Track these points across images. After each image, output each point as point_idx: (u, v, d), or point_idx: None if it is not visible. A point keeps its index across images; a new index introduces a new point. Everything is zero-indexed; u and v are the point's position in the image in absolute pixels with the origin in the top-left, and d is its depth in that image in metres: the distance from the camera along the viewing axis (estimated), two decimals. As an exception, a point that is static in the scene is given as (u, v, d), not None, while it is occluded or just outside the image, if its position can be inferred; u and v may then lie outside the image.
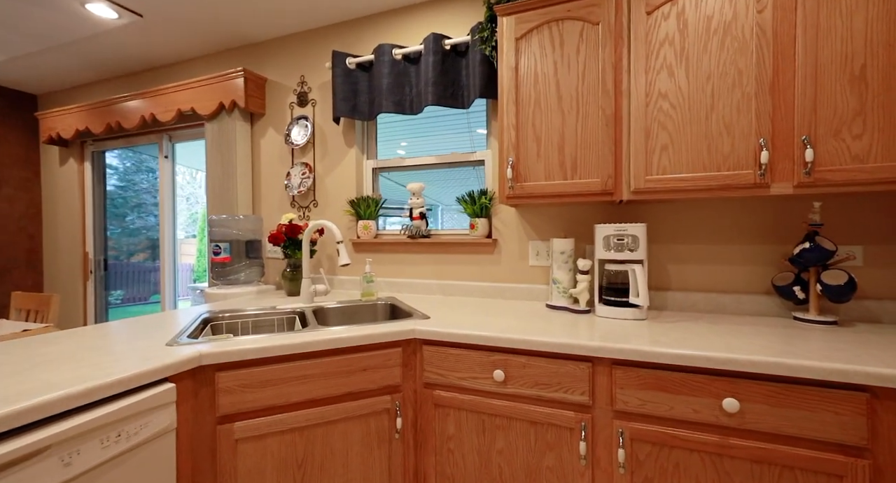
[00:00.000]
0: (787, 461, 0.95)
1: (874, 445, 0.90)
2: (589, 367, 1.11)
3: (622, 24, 1.34)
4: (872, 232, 1.34)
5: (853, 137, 1.12)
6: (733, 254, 1.49)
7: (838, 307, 1.36)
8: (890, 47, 1.09)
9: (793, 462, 0.95)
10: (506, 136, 1.49)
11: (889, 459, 0.89)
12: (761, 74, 1.19)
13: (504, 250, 1.85)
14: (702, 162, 1.26)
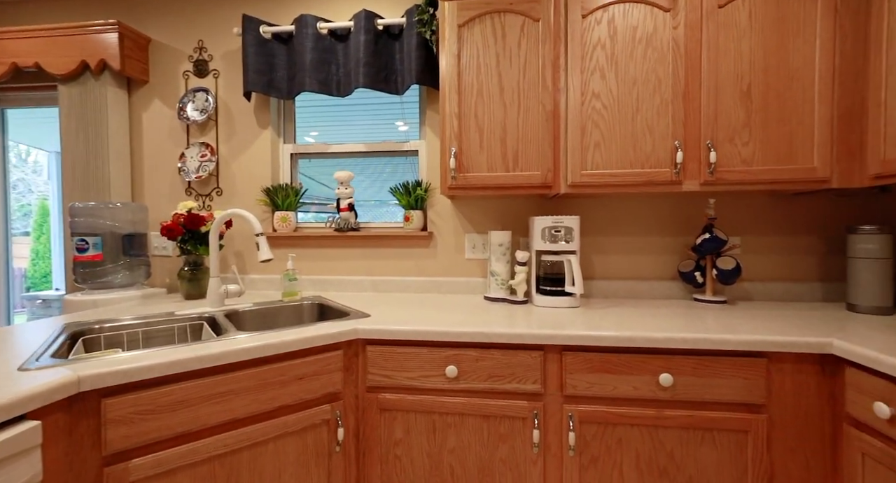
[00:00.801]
0: (708, 424, 1.07)
1: (769, 402, 1.07)
2: (541, 356, 1.13)
3: (560, 24, 1.40)
4: (749, 225, 1.61)
5: (742, 144, 1.32)
6: (648, 245, 1.67)
7: (726, 288, 1.60)
8: (766, 71, 1.31)
9: (712, 424, 1.07)
10: (448, 126, 1.45)
11: (779, 412, 1.07)
12: (676, 84, 1.34)
13: (440, 243, 1.80)
14: (629, 159, 1.37)
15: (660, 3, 1.34)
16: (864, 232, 1.35)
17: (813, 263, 1.58)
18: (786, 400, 1.06)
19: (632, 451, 1.11)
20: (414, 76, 1.65)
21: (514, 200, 1.75)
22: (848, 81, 1.27)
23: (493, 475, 1.15)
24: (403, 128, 1.90)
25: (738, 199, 1.62)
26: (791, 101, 1.29)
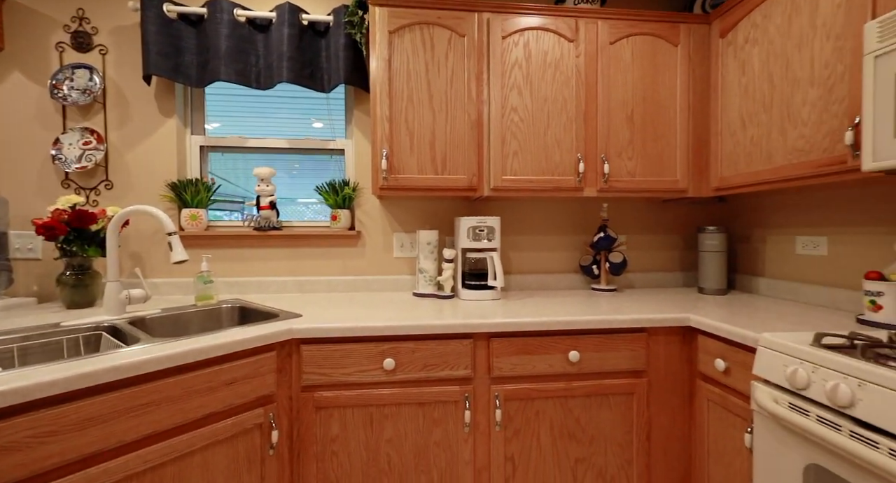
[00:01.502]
0: (605, 390, 1.29)
1: (648, 368, 1.33)
2: (471, 343, 1.24)
3: (483, 42, 1.53)
4: (632, 225, 1.94)
5: (628, 158, 1.60)
6: (555, 242, 1.90)
7: (615, 279, 1.91)
8: (644, 101, 1.61)
9: (608, 390, 1.30)
10: (379, 128, 1.49)
11: (655, 375, 1.33)
12: (578, 105, 1.57)
13: (368, 242, 1.83)
14: (542, 167, 1.56)
15: (565, 34, 1.56)
16: (708, 231, 1.73)
17: (676, 257, 1.97)
18: (659, 365, 1.33)
19: (547, 421, 1.28)
20: (342, 76, 1.66)
21: (441, 201, 1.85)
22: (699, 115, 1.62)
23: (428, 457, 1.24)
24: (317, 125, 1.86)
25: (624, 204, 1.94)
26: (661, 127, 1.61)
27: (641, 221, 1.95)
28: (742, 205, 1.84)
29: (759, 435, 0.99)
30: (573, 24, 1.56)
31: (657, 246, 1.96)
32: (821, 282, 1.47)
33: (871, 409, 0.75)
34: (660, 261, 1.96)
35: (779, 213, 1.65)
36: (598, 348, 1.28)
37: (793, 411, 0.88)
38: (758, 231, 1.75)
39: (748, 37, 1.43)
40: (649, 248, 1.95)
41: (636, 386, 1.31)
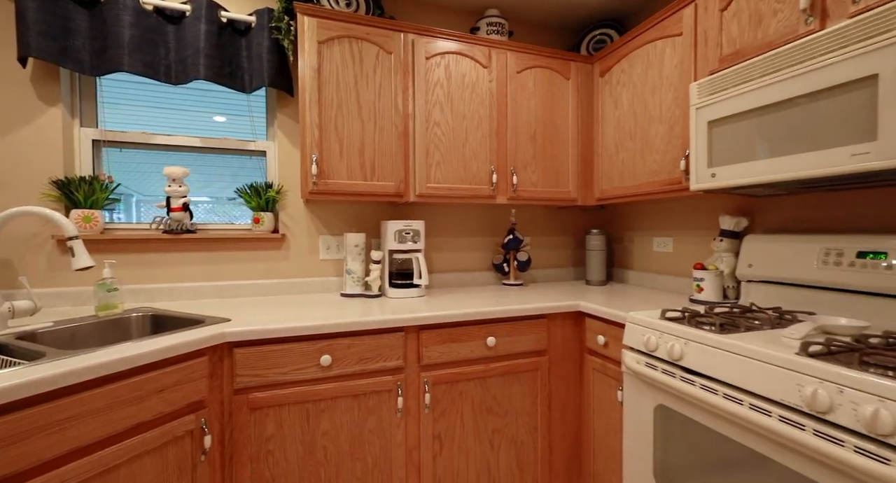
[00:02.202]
0: (516, 369, 1.53)
1: (549, 347, 1.60)
2: (403, 336, 1.37)
3: (409, 60, 1.67)
4: (535, 228, 2.25)
5: (532, 172, 1.88)
6: (471, 244, 2.12)
7: (522, 274, 2.20)
8: (544, 123, 1.90)
9: (518, 369, 1.53)
10: (309, 134, 1.53)
11: (554, 353, 1.60)
12: (492, 123, 1.80)
13: (293, 245, 1.83)
14: (461, 177, 1.75)
15: (480, 61, 1.77)
16: (593, 234, 2.10)
17: (569, 255, 2.34)
18: (557, 344, 1.61)
19: (469, 400, 1.47)
20: (266, 79, 1.65)
21: (366, 205, 1.94)
22: (585, 138, 1.97)
23: (363, 445, 1.33)
24: (219, 119, 1.80)
25: (527, 210, 2.24)
26: (557, 147, 1.92)
27: (542, 225, 2.27)
28: (617, 212, 2.27)
29: (627, 390, 1.29)
30: (487, 53, 1.78)
31: (554, 246, 2.30)
32: (669, 272, 1.91)
33: (693, 359, 1.06)
34: (556, 258, 2.31)
35: (641, 219, 2.08)
36: (510, 333, 1.51)
37: (647, 367, 1.18)
38: (628, 233, 2.18)
39: (619, 79, 1.80)
40: (548, 247, 2.29)
41: (540, 363, 1.57)
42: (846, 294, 1.18)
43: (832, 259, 1.20)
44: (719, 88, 1.25)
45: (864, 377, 0.75)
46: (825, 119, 1.00)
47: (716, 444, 1.01)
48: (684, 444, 1.10)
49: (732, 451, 0.97)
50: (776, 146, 1.11)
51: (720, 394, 0.98)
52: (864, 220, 1.24)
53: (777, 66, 1.10)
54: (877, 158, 0.91)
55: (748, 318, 1.18)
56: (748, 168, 1.18)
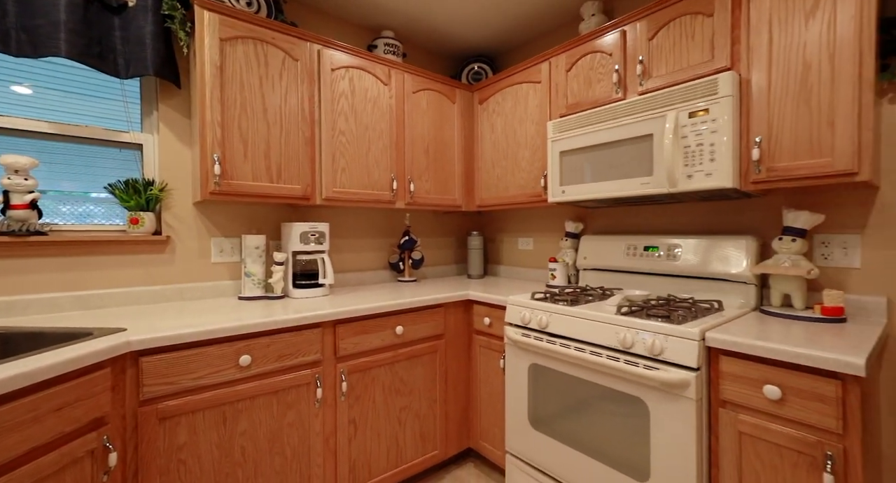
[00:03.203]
0: (420, 352, 1.75)
1: (445, 331, 1.87)
2: (320, 331, 1.46)
3: (315, 70, 1.75)
4: (426, 230, 2.52)
5: (426, 180, 2.14)
6: (370, 245, 2.27)
7: (415, 272, 2.44)
8: (435, 139, 2.18)
9: (422, 352, 1.76)
10: (210, 133, 1.49)
11: (449, 336, 1.89)
12: (392, 135, 2.00)
13: (180, 248, 1.70)
14: (364, 183, 1.90)
15: (381, 78, 1.95)
16: (473, 235, 2.48)
17: (453, 253, 2.69)
18: (451, 328, 1.90)
19: (379, 384, 1.64)
20: (152, 68, 1.52)
21: (262, 207, 1.92)
22: (468, 155, 2.33)
23: (282, 438, 1.38)
24: (80, 103, 1.59)
25: (419, 214, 2.50)
26: (446, 160, 2.23)
27: (430, 227, 2.56)
28: (491, 217, 2.71)
29: (508, 356, 1.65)
30: (387, 72, 1.97)
31: (441, 246, 2.62)
32: (531, 265, 2.41)
33: (555, 326, 1.46)
34: (442, 257, 2.63)
35: (510, 223, 2.55)
36: (415, 322, 1.73)
37: (523, 337, 1.56)
38: (499, 234, 2.64)
39: (495, 109, 2.20)
40: (436, 247, 2.59)
41: (438, 346, 1.84)
42: (639, 275, 1.76)
43: (631, 252, 1.77)
44: (566, 128, 1.72)
45: (647, 322, 1.21)
46: (626, 158, 1.51)
47: (568, 384, 1.43)
48: (548, 390, 1.50)
49: (578, 386, 1.39)
50: (598, 174, 1.60)
51: (572, 347, 1.39)
52: (648, 225, 1.86)
53: (599, 119, 1.59)
54: (653, 187, 1.43)
55: (585, 294, 1.65)
56: (583, 188, 1.66)
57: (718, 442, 1.11)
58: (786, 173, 1.22)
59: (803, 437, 0.96)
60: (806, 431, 0.97)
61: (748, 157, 1.30)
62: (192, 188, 1.70)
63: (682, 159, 1.37)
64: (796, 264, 1.30)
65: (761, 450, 1.03)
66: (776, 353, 0.99)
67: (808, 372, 0.96)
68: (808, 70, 1.18)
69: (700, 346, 1.12)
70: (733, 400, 1.08)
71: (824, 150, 1.15)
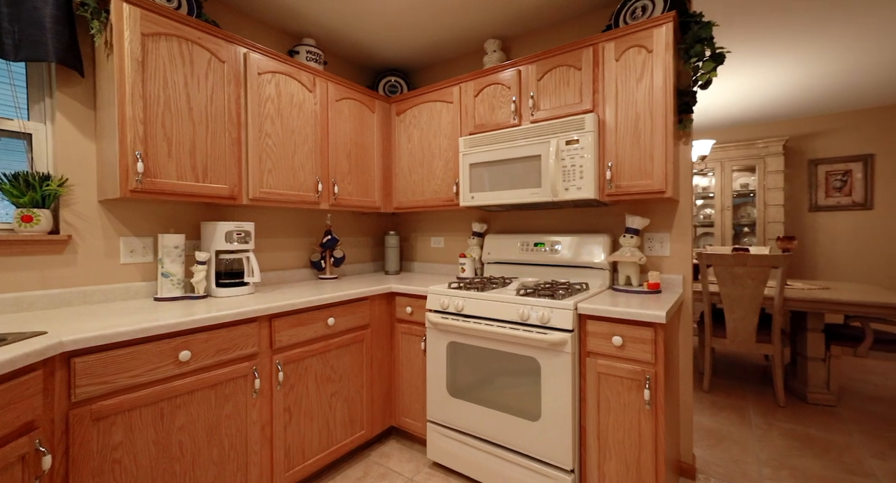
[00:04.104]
0: (349, 342, 1.91)
1: (371, 321, 2.06)
2: (256, 325, 1.54)
3: (241, 72, 1.78)
4: (347, 230, 2.65)
5: (348, 183, 2.29)
6: (290, 244, 2.32)
7: (336, 269, 2.56)
8: (356, 144, 2.35)
9: (350, 341, 1.92)
10: (131, 129, 1.45)
11: (374, 326, 2.08)
12: (316, 140, 2.11)
13: (83, 249, 1.59)
14: (290, 184, 1.99)
15: (307, 85, 2.05)
16: (390, 235, 2.70)
17: (370, 251, 2.86)
18: (376, 318, 2.09)
19: (312, 373, 1.76)
20: (54, 54, 1.42)
21: (177, 205, 1.86)
22: (386, 161, 2.54)
23: (220, 430, 1.44)
24: None
25: (340, 215, 2.62)
26: (366, 165, 2.40)
27: (350, 227, 2.70)
28: (406, 218, 2.95)
29: (429, 338, 1.92)
30: (312, 80, 2.08)
31: (359, 244, 2.77)
32: (442, 261, 2.72)
33: (469, 309, 1.78)
34: (360, 255, 2.79)
35: (423, 223, 2.83)
36: (343, 314, 1.89)
37: (443, 320, 1.84)
38: (413, 234, 2.89)
39: (411, 121, 2.45)
40: (354, 245, 2.74)
41: (364, 335, 2.02)
42: (531, 266, 2.19)
43: (524, 247, 2.19)
44: (475, 145, 2.06)
45: (539, 300, 1.59)
46: (521, 173, 1.90)
47: (480, 355, 1.75)
48: (463, 363, 1.81)
49: (487, 356, 1.73)
50: (500, 184, 1.97)
51: (483, 324, 1.72)
52: (537, 226, 2.31)
53: (501, 139, 1.96)
54: (541, 197, 1.84)
55: (491, 283, 2.01)
56: (488, 195, 2.01)
57: (585, 381, 1.53)
58: (627, 190, 1.72)
59: (633, 369, 1.42)
60: (635, 365, 1.43)
61: (604, 176, 1.78)
62: (99, 184, 1.60)
63: (561, 176, 1.80)
64: (633, 254, 1.83)
65: (611, 382, 1.48)
66: (620, 314, 1.44)
67: (636, 324, 1.42)
68: (638, 118, 1.69)
69: (574, 314, 1.53)
70: (594, 350, 1.51)
71: (647, 174, 1.67)
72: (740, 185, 4.45)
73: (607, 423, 1.49)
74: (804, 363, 2.71)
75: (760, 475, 1.88)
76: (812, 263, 4.23)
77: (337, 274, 2.56)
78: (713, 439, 2.21)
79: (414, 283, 2.17)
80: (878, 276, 3.95)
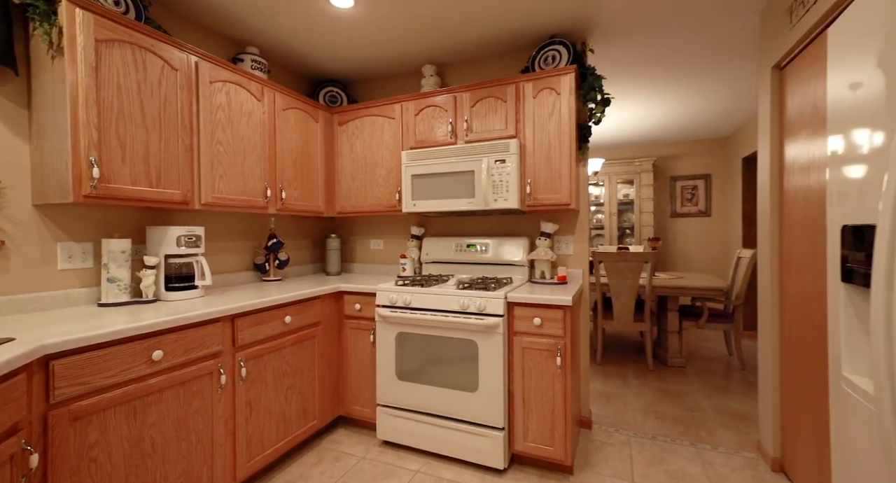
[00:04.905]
0: (303, 338, 2.06)
1: (321, 319, 2.22)
2: (220, 325, 1.63)
3: (194, 80, 1.83)
4: (291, 233, 2.72)
5: (294, 189, 2.40)
6: (235, 247, 2.35)
7: (280, 272, 2.63)
8: (302, 152, 2.47)
9: (304, 338, 2.07)
10: (85, 134, 1.45)
11: (324, 323, 2.24)
12: (265, 147, 2.19)
13: (15, 255, 1.51)
14: (241, 189, 2.06)
15: (256, 94, 2.13)
16: (332, 238, 2.84)
17: (309, 254, 2.96)
18: (326, 316, 2.25)
19: (271, 368, 1.88)
20: (-6, 51, 1.36)
21: (119, 210, 1.83)
22: (329, 168, 2.68)
23: (188, 425, 1.51)
24: None
25: (282, 219, 2.69)
26: (311, 171, 2.53)
27: (293, 230, 2.78)
28: (346, 221, 3.10)
29: (379, 330, 2.15)
30: (261, 89, 2.16)
31: (300, 247, 2.86)
32: (382, 262, 2.94)
33: (416, 302, 2.05)
34: (301, 257, 2.88)
35: (363, 227, 3.02)
36: (297, 312, 2.03)
37: (392, 313, 2.09)
38: (353, 237, 3.07)
39: (354, 132, 2.64)
40: (296, 248, 2.82)
41: (316, 331, 2.17)
42: (464, 265, 2.54)
43: (459, 249, 2.53)
44: (416, 159, 2.34)
45: (476, 292, 1.94)
46: (458, 184, 2.24)
47: (426, 342, 2.04)
48: (411, 350, 2.08)
49: (432, 342, 2.02)
50: (439, 193, 2.28)
51: (429, 315, 2.01)
52: (470, 230, 2.67)
53: (439, 155, 2.27)
54: (474, 206, 2.20)
55: (432, 279, 2.31)
56: (428, 203, 2.31)
57: (513, 356, 1.92)
58: (542, 201, 2.16)
59: (549, 342, 1.84)
60: (550, 339, 1.85)
61: (525, 190, 2.19)
62: (36, 188, 1.54)
63: (491, 189, 2.17)
64: (547, 254, 2.28)
65: (533, 355, 1.88)
66: (539, 300, 1.85)
67: (551, 308, 1.84)
68: (550, 145, 2.13)
69: (505, 303, 1.90)
70: (520, 330, 1.90)
71: (557, 190, 2.12)
72: (623, 195, 5.40)
73: (530, 387, 1.89)
74: (665, 336, 3.50)
75: (635, 420, 2.47)
76: (672, 258, 5.32)
77: (280, 276, 2.63)
78: (603, 399, 2.79)
79: (358, 283, 2.38)
80: (714, 268, 5.13)
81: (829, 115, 1.10)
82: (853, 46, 0.98)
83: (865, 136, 0.94)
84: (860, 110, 0.96)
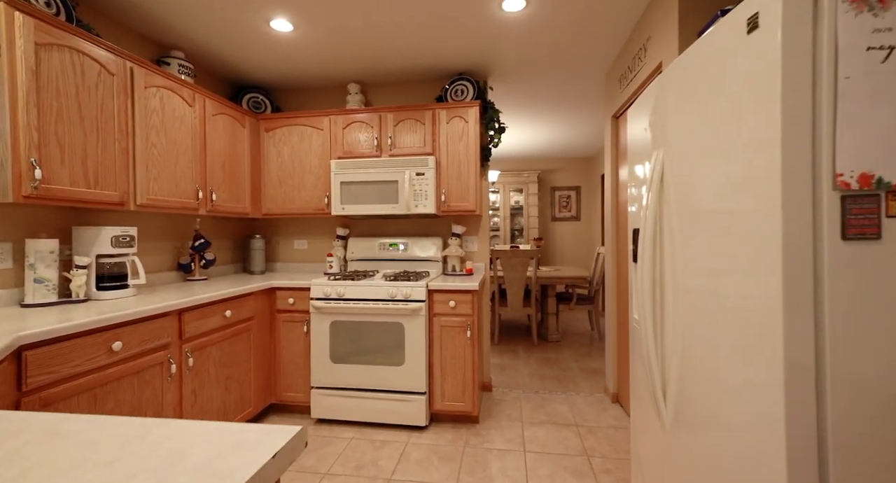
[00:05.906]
0: (240, 331, 2.21)
1: (256, 314, 2.38)
2: (169, 318, 1.75)
3: (129, 85, 1.88)
4: (219, 234, 2.76)
5: (223, 191, 2.50)
6: (159, 248, 2.36)
7: (205, 271, 2.66)
8: (230, 156, 2.57)
9: (241, 331, 2.22)
10: (25, 136, 1.47)
11: (258, 318, 2.40)
12: (195, 151, 2.28)
13: (-70, 255, 1.45)
14: (173, 191, 2.13)
15: (187, 100, 2.21)
16: (256, 238, 2.96)
17: (231, 254, 3.01)
18: (259, 311, 2.42)
19: (212, 358, 2.02)
20: (-82, 47, 1.32)
21: (42, 210, 1.79)
22: (256, 172, 2.81)
23: (141, 411, 1.62)
24: None
25: (208, 220, 2.72)
26: (239, 175, 2.64)
27: (216, 231, 2.82)
28: (271, 222, 3.21)
29: (313, 321, 2.41)
30: (192, 95, 2.24)
31: (223, 248, 2.91)
32: (307, 261, 3.14)
33: (348, 294, 2.37)
34: (224, 257, 2.92)
35: (287, 228, 3.17)
36: (233, 308, 2.18)
37: (326, 304, 2.36)
38: (276, 237, 3.19)
39: (281, 139, 2.81)
40: (220, 248, 2.87)
41: (251, 326, 2.33)
42: (387, 261, 2.91)
43: (382, 248, 2.89)
44: (344, 167, 2.64)
45: (402, 283, 2.34)
46: (383, 191, 2.61)
47: (357, 328, 2.37)
48: (344, 337, 2.39)
49: (363, 328, 2.36)
50: (366, 199, 2.62)
51: (361, 304, 2.34)
52: (392, 231, 3.04)
53: (366, 165, 2.62)
54: (398, 210, 2.59)
55: (360, 275, 2.63)
56: (356, 207, 2.63)
57: (433, 332, 2.37)
58: (454, 208, 2.65)
59: (461, 320, 2.33)
60: (462, 317, 2.34)
61: (440, 198, 2.66)
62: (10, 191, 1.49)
63: (413, 196, 2.59)
64: (457, 251, 2.78)
65: (449, 332, 2.35)
66: (453, 287, 2.32)
67: (462, 292, 2.34)
68: (460, 163, 2.63)
69: (426, 290, 2.34)
70: (438, 311, 2.36)
71: (465, 199, 2.63)
72: (514, 202, 6.29)
73: (446, 358, 2.36)
74: (546, 318, 4.33)
75: (524, 382, 3.13)
76: (552, 254, 6.39)
77: (206, 275, 2.67)
78: (500, 369, 3.42)
79: (284, 280, 2.59)
80: (583, 262, 6.32)
81: (629, 151, 1.77)
82: (640, 112, 1.65)
83: (640, 167, 1.60)
84: (639, 149, 1.61)
